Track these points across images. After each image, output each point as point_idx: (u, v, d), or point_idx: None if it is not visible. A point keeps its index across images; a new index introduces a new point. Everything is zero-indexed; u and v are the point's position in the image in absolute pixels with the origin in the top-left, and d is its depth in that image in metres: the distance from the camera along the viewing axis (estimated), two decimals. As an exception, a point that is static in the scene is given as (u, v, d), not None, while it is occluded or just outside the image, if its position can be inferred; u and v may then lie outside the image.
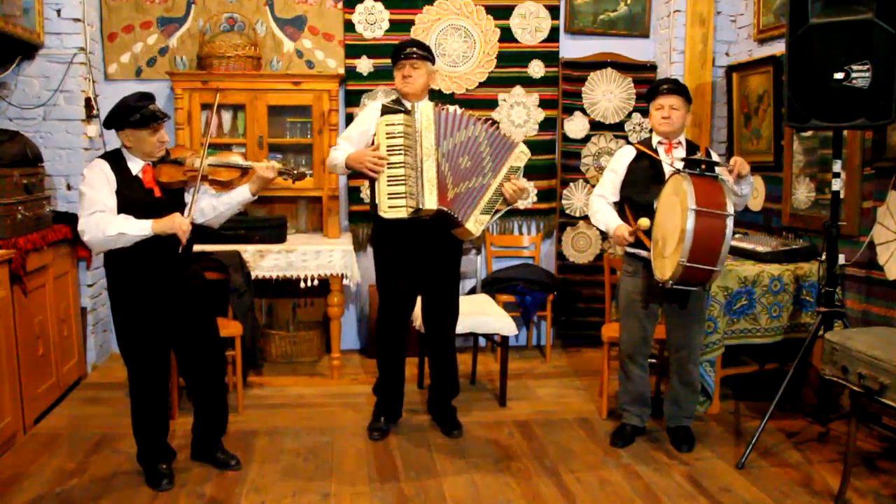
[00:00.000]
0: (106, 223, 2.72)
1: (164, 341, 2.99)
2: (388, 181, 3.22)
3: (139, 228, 2.76)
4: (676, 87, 3.31)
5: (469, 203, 3.27)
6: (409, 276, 3.45)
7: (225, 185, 3.00)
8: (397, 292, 3.46)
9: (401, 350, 3.56)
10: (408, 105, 3.31)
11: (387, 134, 3.23)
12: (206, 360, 3.09)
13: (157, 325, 2.93)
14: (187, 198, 2.94)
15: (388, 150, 3.22)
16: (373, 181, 3.27)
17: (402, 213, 3.22)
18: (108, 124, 2.83)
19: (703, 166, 3.09)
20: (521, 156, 3.35)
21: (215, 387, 3.14)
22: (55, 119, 4.26)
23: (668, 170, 3.24)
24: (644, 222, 3.16)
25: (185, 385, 3.32)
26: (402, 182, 3.21)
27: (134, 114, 2.77)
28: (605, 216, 3.38)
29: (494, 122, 3.42)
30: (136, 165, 2.87)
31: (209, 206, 3.00)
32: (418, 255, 3.41)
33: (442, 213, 3.25)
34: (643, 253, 3.28)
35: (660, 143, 3.36)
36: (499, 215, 3.40)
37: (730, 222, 2.93)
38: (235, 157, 3.05)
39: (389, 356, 3.55)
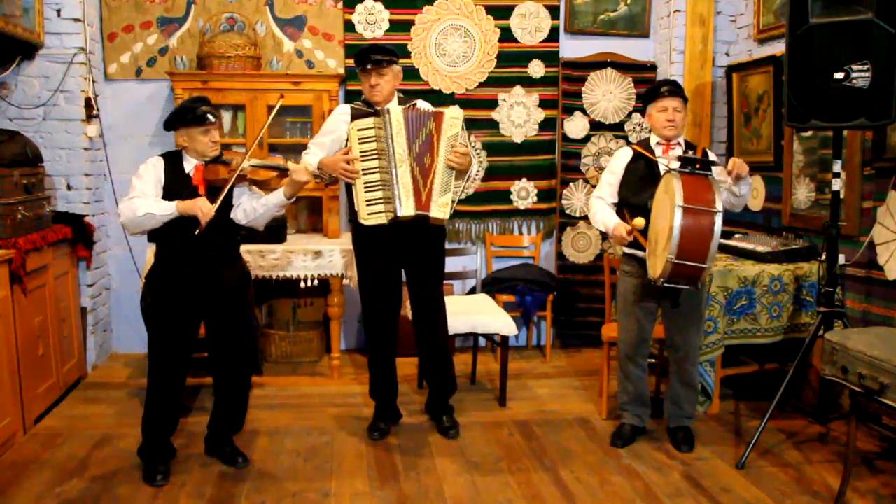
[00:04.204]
0: (137, 205, 2.89)
1: (191, 337, 3.08)
2: (366, 188, 3.21)
3: (165, 208, 2.91)
4: (677, 89, 3.31)
5: (430, 194, 3.22)
6: (392, 278, 3.45)
7: (263, 186, 3.11)
8: (380, 295, 3.44)
9: (390, 352, 3.53)
10: (378, 108, 3.29)
11: (359, 139, 3.21)
12: (234, 359, 3.15)
13: (188, 319, 3.03)
14: (234, 198, 3.08)
15: (361, 156, 3.21)
16: (350, 186, 3.26)
17: (382, 220, 3.21)
18: (167, 126, 3.03)
19: (698, 165, 3.10)
20: (452, 122, 3.24)
21: (239, 386, 3.20)
22: (55, 119, 4.25)
23: (663, 170, 3.24)
24: (639, 221, 3.17)
25: (200, 385, 3.33)
26: (380, 188, 3.21)
27: (188, 113, 2.96)
28: (603, 216, 3.38)
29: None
30: (189, 164, 3.04)
31: (250, 207, 3.10)
32: (400, 255, 3.41)
33: (420, 217, 3.24)
34: (640, 253, 3.29)
35: (658, 143, 3.36)
36: (461, 190, 3.31)
37: (718, 219, 2.92)
38: (277, 159, 3.16)
39: (379, 359, 3.53)
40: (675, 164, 3.14)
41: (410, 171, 3.20)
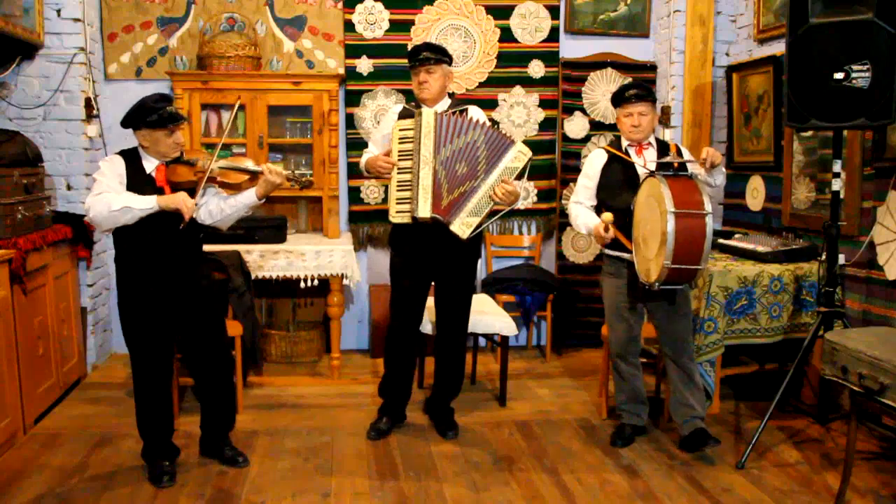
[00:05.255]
0: (111, 199, 2.75)
1: (168, 339, 3.04)
2: (398, 186, 3.28)
3: (144, 202, 2.78)
4: (643, 93, 3.30)
5: (458, 206, 3.25)
6: (421, 278, 3.46)
7: (234, 188, 3.01)
8: (407, 294, 3.47)
9: (409, 352, 3.55)
10: (423, 109, 3.33)
11: (399, 139, 3.29)
12: (214, 358, 3.12)
13: (162, 321, 2.97)
14: (199, 200, 2.96)
15: (399, 155, 3.27)
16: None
17: (407, 219, 3.27)
18: (125, 123, 2.88)
19: (676, 165, 3.11)
20: (519, 156, 3.25)
21: (223, 384, 3.17)
22: (55, 119, 4.25)
23: (641, 172, 3.26)
24: (608, 216, 3.16)
25: (192, 385, 3.35)
26: (409, 188, 3.25)
27: (151, 114, 2.82)
28: (584, 219, 3.37)
29: (496, 123, 3.39)
30: (150, 164, 2.92)
31: (217, 207, 3.02)
32: (432, 257, 3.42)
33: (436, 221, 3.25)
34: (625, 255, 3.30)
35: (630, 145, 3.36)
36: (492, 219, 3.35)
37: (709, 220, 2.96)
38: (247, 162, 3.08)
39: (397, 358, 3.54)
40: (653, 166, 3.16)
41: (433, 174, 3.23)
